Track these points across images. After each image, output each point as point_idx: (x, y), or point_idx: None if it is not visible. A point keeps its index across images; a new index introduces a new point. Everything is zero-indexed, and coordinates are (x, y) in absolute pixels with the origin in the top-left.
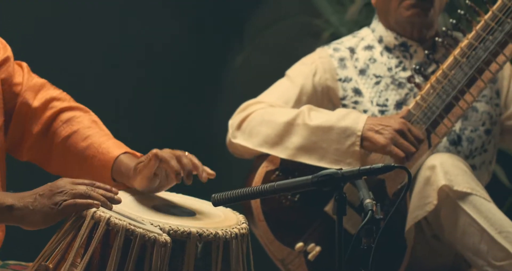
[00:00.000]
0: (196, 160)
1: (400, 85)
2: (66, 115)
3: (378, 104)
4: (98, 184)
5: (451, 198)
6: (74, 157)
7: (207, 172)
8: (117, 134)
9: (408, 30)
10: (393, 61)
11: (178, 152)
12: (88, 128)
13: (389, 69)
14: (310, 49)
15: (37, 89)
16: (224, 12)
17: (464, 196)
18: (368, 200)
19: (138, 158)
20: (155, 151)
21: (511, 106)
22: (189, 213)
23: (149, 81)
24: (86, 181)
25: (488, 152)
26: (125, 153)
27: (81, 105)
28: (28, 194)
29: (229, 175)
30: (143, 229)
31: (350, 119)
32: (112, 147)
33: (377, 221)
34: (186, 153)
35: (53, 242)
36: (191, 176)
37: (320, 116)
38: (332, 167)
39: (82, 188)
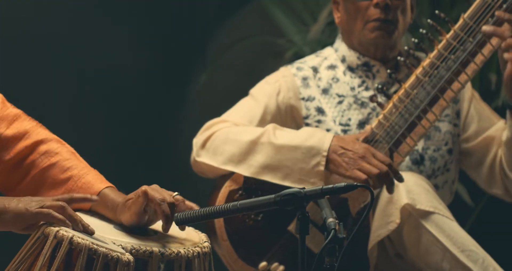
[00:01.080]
0: (182, 205)
1: (362, 104)
2: (43, 148)
3: (340, 124)
4: (76, 195)
5: (413, 217)
6: (51, 188)
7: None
8: (82, 154)
9: (372, 51)
10: (356, 81)
11: (165, 195)
12: (67, 160)
13: (352, 88)
14: (273, 68)
15: (11, 119)
16: (187, 31)
17: (426, 214)
18: (331, 219)
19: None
20: (144, 188)
21: (469, 129)
22: (152, 232)
23: (113, 101)
24: (65, 196)
25: (450, 171)
26: (107, 187)
27: (57, 137)
28: (9, 197)
29: (193, 194)
30: (106, 248)
31: (316, 138)
32: (93, 181)
33: (340, 240)
34: (175, 194)
35: (16, 261)
36: (170, 224)
37: (285, 135)
38: (296, 186)
39: (60, 203)
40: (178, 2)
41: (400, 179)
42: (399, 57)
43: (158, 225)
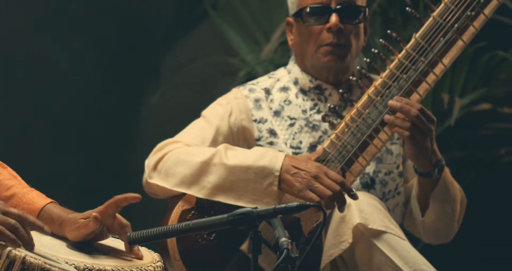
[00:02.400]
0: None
1: (314, 127)
2: None
3: (292, 147)
4: (27, 217)
5: (366, 236)
6: None
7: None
8: (34, 173)
9: (324, 74)
10: (308, 104)
11: (123, 223)
12: (10, 180)
13: (304, 111)
14: (226, 88)
15: None
16: (140, 50)
17: (379, 234)
18: (283, 239)
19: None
20: (95, 214)
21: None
22: (105, 251)
23: (66, 121)
24: (16, 212)
25: (401, 194)
26: (51, 202)
27: None
28: None
29: (146, 214)
30: (59, 267)
31: (267, 158)
32: (36, 198)
33: (293, 259)
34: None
35: None
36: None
37: (237, 156)
38: (250, 206)
39: (12, 221)
40: (131, 21)
41: (354, 197)
42: (351, 77)
43: (110, 243)
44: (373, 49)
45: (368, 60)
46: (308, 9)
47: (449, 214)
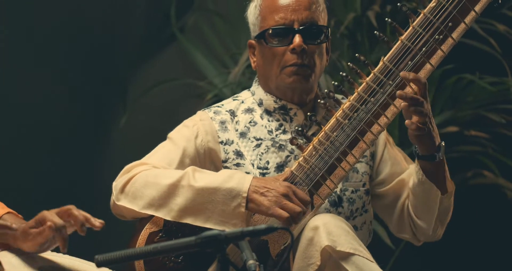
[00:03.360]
0: (76, 211)
1: (280, 148)
2: None
3: (259, 167)
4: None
5: (334, 259)
6: None
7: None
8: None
9: (289, 95)
10: (274, 124)
11: (66, 206)
12: None
13: (270, 132)
14: (194, 110)
15: None
16: (108, 72)
17: (347, 256)
18: (251, 261)
19: (19, 217)
20: (49, 224)
21: (381, 173)
22: None
23: (32, 143)
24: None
25: (368, 212)
26: (7, 212)
27: None
28: None
29: (113, 237)
30: None
31: (235, 180)
32: None
33: None
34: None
35: None
36: (84, 226)
37: (205, 178)
38: (218, 228)
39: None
40: (99, 43)
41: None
42: (319, 100)
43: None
44: (341, 73)
45: (336, 83)
46: (270, 31)
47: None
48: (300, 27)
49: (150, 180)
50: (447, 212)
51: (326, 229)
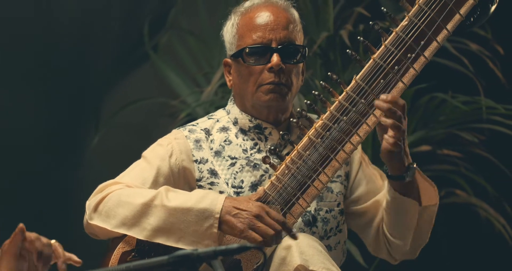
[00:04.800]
0: (60, 249)
1: (255, 167)
2: None
3: (233, 186)
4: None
5: None
6: None
7: (74, 260)
8: None
9: (265, 113)
10: (248, 143)
11: (44, 239)
12: None
13: (244, 151)
14: (167, 129)
15: None
16: (81, 91)
17: None
18: None
19: None
20: (21, 225)
21: (356, 192)
22: None
23: (4, 164)
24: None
25: (342, 231)
26: None
27: None
28: None
29: (86, 256)
30: None
31: (208, 200)
32: None
33: None
34: (53, 241)
35: None
36: (48, 263)
37: (178, 198)
38: (190, 248)
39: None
40: (72, 63)
41: (294, 237)
42: (291, 119)
43: None
44: (313, 91)
45: (308, 102)
46: (248, 49)
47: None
48: (278, 46)
49: (123, 199)
50: (426, 226)
51: (299, 249)
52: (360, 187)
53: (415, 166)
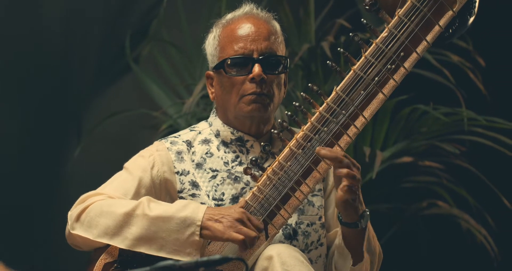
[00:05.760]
0: None
1: (236, 179)
2: None
3: (214, 199)
4: None
5: None
6: None
7: None
8: None
9: (247, 125)
10: (230, 156)
11: None
12: None
13: (226, 163)
14: (148, 141)
15: None
16: (62, 103)
17: None
18: None
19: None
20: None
21: (330, 208)
22: None
23: None
24: None
25: (324, 245)
26: None
27: None
28: None
29: (67, 268)
30: None
31: (190, 209)
32: None
33: None
34: None
35: None
36: None
37: (159, 207)
38: (172, 257)
39: None
40: (53, 73)
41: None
42: (272, 130)
43: None
44: (294, 102)
45: (289, 113)
46: (229, 61)
47: (370, 268)
48: (260, 57)
49: (105, 209)
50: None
51: (280, 259)
52: (329, 209)
53: (368, 213)
